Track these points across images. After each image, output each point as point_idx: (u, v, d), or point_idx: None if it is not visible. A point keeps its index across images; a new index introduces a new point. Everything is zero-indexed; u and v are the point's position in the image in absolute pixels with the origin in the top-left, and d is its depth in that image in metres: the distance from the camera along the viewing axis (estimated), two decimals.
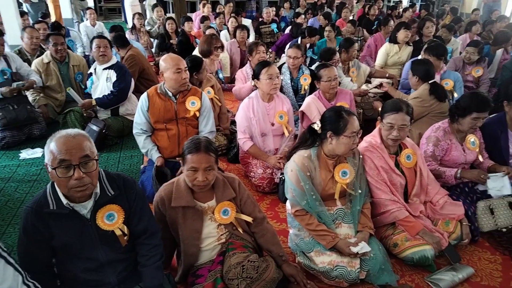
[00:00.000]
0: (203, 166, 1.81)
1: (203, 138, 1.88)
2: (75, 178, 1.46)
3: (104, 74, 3.77)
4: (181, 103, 2.81)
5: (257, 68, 3.02)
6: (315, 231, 2.11)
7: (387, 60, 5.06)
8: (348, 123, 2.02)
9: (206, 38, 4.18)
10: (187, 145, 1.86)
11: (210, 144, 1.89)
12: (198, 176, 1.82)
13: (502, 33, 5.21)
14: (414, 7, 10.12)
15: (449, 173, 2.53)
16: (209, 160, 1.84)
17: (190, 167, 1.82)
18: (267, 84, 2.97)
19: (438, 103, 3.14)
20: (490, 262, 2.32)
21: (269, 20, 7.37)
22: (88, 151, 1.50)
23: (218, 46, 4.16)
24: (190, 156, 1.81)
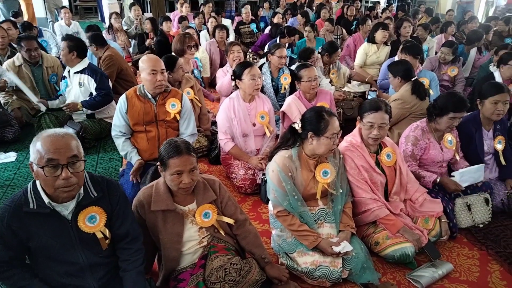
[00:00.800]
0: (188, 168, 1.79)
1: (180, 140, 1.85)
2: (62, 178, 1.44)
3: (75, 78, 3.67)
4: (161, 105, 2.75)
5: (238, 68, 3.00)
6: (297, 231, 2.11)
7: (365, 60, 5.12)
8: (329, 124, 2.03)
9: (179, 37, 4.11)
10: (166, 150, 1.81)
11: (189, 145, 1.86)
12: (184, 179, 1.79)
13: (474, 33, 5.36)
14: (390, 6, 10.31)
15: (428, 179, 2.57)
16: (193, 161, 1.82)
17: (174, 171, 1.78)
18: (250, 85, 2.95)
19: (420, 102, 3.15)
20: (468, 258, 2.37)
21: (248, 20, 7.35)
22: (76, 151, 1.49)
23: (191, 45, 4.10)
24: (172, 160, 1.77)
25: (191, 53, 4.18)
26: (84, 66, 3.66)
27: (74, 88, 3.68)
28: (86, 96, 3.70)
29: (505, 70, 3.72)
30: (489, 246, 2.46)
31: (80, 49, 3.62)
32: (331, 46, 4.40)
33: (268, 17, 8.75)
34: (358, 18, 8.48)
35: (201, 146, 3.49)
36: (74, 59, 3.60)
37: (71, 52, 3.55)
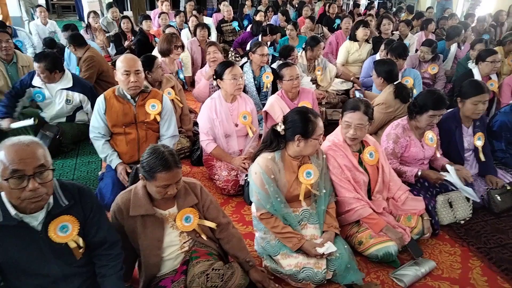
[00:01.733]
0: (175, 180, 1.75)
1: (166, 151, 1.75)
2: (29, 189, 1.36)
3: (61, 95, 3.51)
4: (140, 106, 2.68)
5: (220, 68, 2.95)
6: (281, 233, 2.09)
7: (348, 58, 5.14)
8: (316, 126, 2.02)
9: (166, 37, 4.05)
10: (153, 163, 1.71)
11: (175, 156, 1.79)
12: (170, 190, 1.75)
13: (453, 28, 5.44)
14: (372, 4, 10.39)
15: (410, 173, 2.60)
16: (180, 172, 1.78)
17: (162, 185, 1.73)
18: (231, 85, 2.91)
19: (403, 105, 3.12)
20: (450, 255, 2.39)
21: (229, 18, 7.28)
22: (43, 160, 1.41)
23: (178, 45, 4.04)
24: (160, 174, 1.70)
25: (177, 53, 4.11)
26: (70, 82, 3.50)
27: (58, 102, 3.51)
28: (71, 111, 3.59)
29: (484, 66, 3.77)
30: (470, 242, 2.49)
31: (58, 64, 3.45)
32: (313, 39, 4.39)
33: (251, 15, 8.70)
34: (340, 16, 8.52)
35: (183, 147, 3.43)
36: (57, 75, 3.44)
37: (52, 72, 3.37)
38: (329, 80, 4.52)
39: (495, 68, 3.77)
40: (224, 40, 7.19)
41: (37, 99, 3.51)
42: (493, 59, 3.71)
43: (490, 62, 3.72)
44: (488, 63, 3.73)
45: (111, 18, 6.86)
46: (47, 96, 3.50)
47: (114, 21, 6.84)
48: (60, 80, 3.47)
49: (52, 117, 3.57)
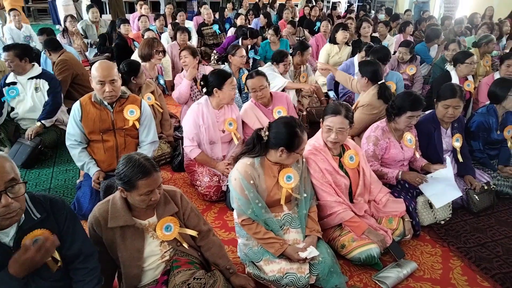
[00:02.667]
0: (157, 185, 1.72)
1: (142, 158, 1.72)
2: (2, 205, 1.31)
3: (30, 84, 3.48)
4: (118, 112, 2.63)
5: (218, 78, 2.85)
6: (263, 239, 2.07)
7: (328, 60, 5.18)
8: (302, 141, 2.01)
9: (147, 41, 3.99)
10: (131, 171, 1.67)
11: (152, 160, 1.76)
12: (154, 196, 1.72)
13: (432, 30, 5.55)
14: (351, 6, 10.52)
15: (391, 175, 2.62)
16: (160, 176, 1.75)
17: (146, 192, 1.69)
18: (229, 95, 2.89)
19: (386, 106, 3.07)
20: (431, 255, 2.42)
21: (210, 21, 7.24)
22: (13, 174, 1.35)
23: (159, 50, 3.99)
24: (141, 181, 1.67)
25: (158, 58, 4.06)
26: (39, 71, 3.49)
27: (29, 94, 3.48)
28: (43, 101, 3.52)
29: (462, 68, 3.86)
30: (451, 242, 2.52)
31: (29, 53, 3.44)
32: (302, 44, 4.37)
33: (232, 18, 8.68)
34: (321, 18, 8.60)
35: (164, 153, 3.38)
36: (27, 65, 3.42)
37: (22, 60, 3.37)
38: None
39: (473, 70, 3.85)
40: (205, 43, 7.15)
41: (11, 95, 3.47)
42: (471, 61, 3.81)
43: (469, 64, 3.80)
44: (468, 65, 3.82)
45: (90, 21, 6.73)
46: (20, 90, 3.48)
47: (94, 25, 6.71)
48: (30, 70, 3.47)
49: (25, 113, 3.51)
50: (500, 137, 3.08)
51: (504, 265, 2.34)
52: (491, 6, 8.46)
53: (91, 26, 6.70)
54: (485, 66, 4.92)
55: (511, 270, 2.30)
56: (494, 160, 3.14)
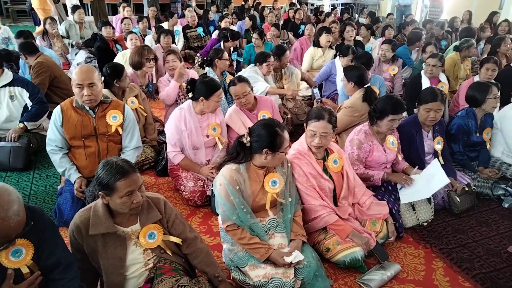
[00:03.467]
0: (137, 186, 1.71)
1: (118, 160, 1.72)
2: None
3: (4, 92, 3.38)
4: (100, 118, 2.58)
5: (206, 88, 2.83)
6: (248, 244, 2.06)
7: (312, 64, 5.22)
8: (283, 140, 2.02)
9: (137, 49, 3.93)
10: (109, 173, 1.67)
11: (129, 162, 1.76)
12: (135, 198, 1.70)
13: (414, 33, 5.66)
14: (335, 10, 10.63)
15: (377, 177, 2.65)
16: (139, 177, 1.74)
17: (126, 193, 1.67)
18: (215, 106, 2.89)
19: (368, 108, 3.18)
20: (414, 257, 2.45)
21: (194, 24, 7.21)
22: None
23: (150, 58, 3.95)
24: (120, 182, 1.66)
25: (149, 66, 4.02)
26: (10, 78, 3.39)
27: (4, 104, 3.38)
28: (20, 109, 3.44)
29: (425, 68, 4.05)
30: (433, 243, 2.56)
31: None
32: (279, 48, 4.40)
33: (216, 21, 8.66)
34: (305, 21, 8.65)
35: (148, 158, 3.34)
36: None
37: None
38: (295, 87, 4.55)
39: (431, 71, 3.98)
40: (189, 46, 7.11)
41: None
42: (431, 63, 3.98)
43: (430, 66, 3.98)
44: (428, 66, 4.00)
45: (75, 21, 6.60)
46: None
47: (78, 25, 6.59)
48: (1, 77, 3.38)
49: (1, 123, 3.42)
50: (479, 139, 3.15)
51: (485, 265, 2.39)
52: (468, 10, 8.67)
53: (75, 26, 6.58)
54: (466, 70, 5.03)
55: (491, 270, 2.35)
56: (474, 162, 3.21)
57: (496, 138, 3.26)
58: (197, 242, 1.96)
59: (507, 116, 3.17)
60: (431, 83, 4.01)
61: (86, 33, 6.70)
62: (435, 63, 4.00)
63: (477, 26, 7.22)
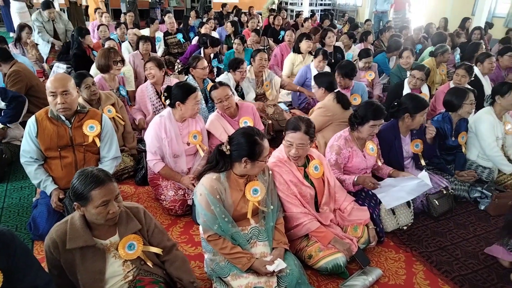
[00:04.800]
0: (113, 195, 1.67)
1: (94, 170, 1.69)
2: None
3: None
4: (77, 128, 2.51)
5: (181, 91, 2.80)
6: (229, 254, 2.04)
7: (293, 70, 5.25)
8: (263, 149, 2.02)
9: (103, 52, 3.85)
10: (84, 183, 1.63)
11: (104, 171, 1.73)
12: (112, 208, 1.66)
13: (394, 42, 5.78)
14: (314, 16, 10.75)
15: (348, 181, 2.67)
16: (115, 187, 1.70)
17: (101, 203, 1.64)
18: (192, 110, 2.84)
19: (342, 111, 3.33)
20: (395, 261, 2.48)
21: (173, 30, 7.16)
22: None
23: (117, 60, 3.88)
24: (95, 192, 1.62)
25: (117, 69, 3.93)
26: None
27: None
28: None
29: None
30: (413, 247, 2.60)
31: None
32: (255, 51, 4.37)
33: (196, 27, 8.63)
34: (285, 27, 8.72)
35: (127, 167, 3.28)
36: None
37: None
38: (275, 93, 4.56)
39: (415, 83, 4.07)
40: (169, 52, 7.06)
41: None
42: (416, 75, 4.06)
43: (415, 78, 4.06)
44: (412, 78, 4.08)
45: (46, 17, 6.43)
46: None
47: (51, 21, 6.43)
48: None
49: None
50: (455, 143, 3.23)
51: (463, 267, 2.43)
52: (444, 17, 8.92)
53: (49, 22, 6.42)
54: (441, 75, 5.16)
55: (469, 272, 2.40)
56: (451, 165, 3.29)
57: (471, 141, 3.35)
58: (174, 249, 1.95)
59: (481, 120, 3.26)
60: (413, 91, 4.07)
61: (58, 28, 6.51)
62: (421, 76, 4.04)
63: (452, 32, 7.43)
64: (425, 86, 4.26)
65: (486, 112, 3.30)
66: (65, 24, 6.88)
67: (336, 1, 14.92)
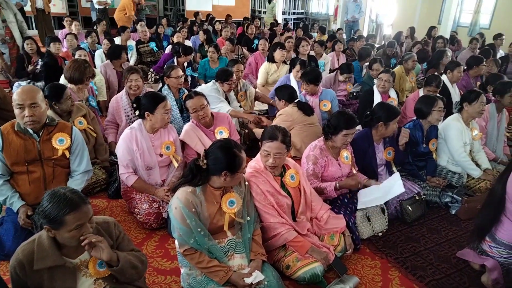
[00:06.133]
0: (88, 218, 1.62)
1: (67, 192, 1.61)
2: None
3: None
4: (45, 141, 2.42)
5: (149, 100, 2.75)
6: (206, 268, 2.01)
7: (267, 79, 5.28)
8: (242, 160, 2.01)
9: (77, 66, 3.69)
10: (57, 206, 1.56)
11: (78, 192, 1.65)
12: (85, 230, 1.61)
13: (364, 49, 5.93)
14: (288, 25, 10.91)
15: (329, 188, 2.69)
16: (90, 209, 1.64)
17: (74, 227, 1.58)
18: (162, 119, 2.77)
19: (304, 117, 3.62)
20: (372, 268, 2.51)
21: (146, 39, 7.08)
22: None
23: (90, 76, 3.79)
24: (69, 216, 1.56)
25: (87, 83, 3.85)
26: None
27: None
28: None
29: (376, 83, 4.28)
30: (388, 253, 2.64)
31: None
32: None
33: (168, 35, 8.55)
34: (259, 36, 8.78)
35: (99, 180, 3.18)
36: None
37: None
38: (250, 104, 4.59)
39: (384, 86, 4.19)
40: (142, 61, 6.96)
41: None
42: (383, 78, 4.20)
43: (383, 81, 4.18)
44: (380, 81, 4.20)
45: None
46: None
47: None
48: None
49: None
50: (426, 149, 3.32)
51: (437, 272, 2.49)
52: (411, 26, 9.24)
53: None
54: (411, 82, 5.32)
55: (442, 276, 2.45)
56: (423, 171, 3.37)
57: (441, 148, 3.45)
58: (139, 253, 1.87)
59: (450, 127, 3.37)
60: (383, 98, 4.19)
61: (6, 15, 6.10)
62: (387, 78, 4.18)
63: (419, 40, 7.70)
64: (392, 90, 4.39)
65: (454, 119, 3.42)
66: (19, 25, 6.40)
67: (309, 10, 15.19)
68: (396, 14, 12.24)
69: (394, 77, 4.38)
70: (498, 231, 2.31)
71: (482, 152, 3.51)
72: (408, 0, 11.92)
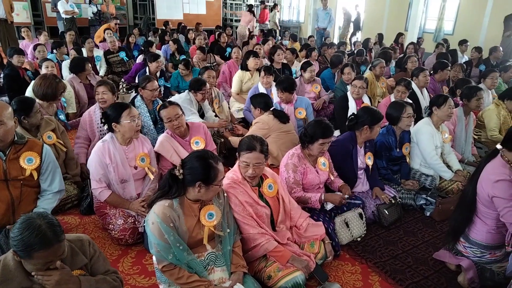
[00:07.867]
0: (59, 255, 1.55)
1: (43, 224, 1.51)
2: None
3: None
4: (12, 161, 2.28)
5: (113, 111, 2.68)
6: (186, 284, 1.95)
7: (241, 87, 5.28)
8: (218, 172, 1.97)
9: (50, 83, 3.55)
10: (28, 240, 1.47)
11: (56, 226, 1.54)
12: (53, 265, 1.54)
13: (336, 57, 6.03)
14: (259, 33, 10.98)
15: (314, 199, 2.69)
16: (64, 246, 1.56)
17: (42, 263, 1.52)
18: (130, 128, 2.68)
19: (280, 124, 3.70)
20: (352, 274, 2.52)
21: (115, 49, 6.94)
22: None
23: (63, 91, 3.67)
24: (38, 254, 1.49)
25: (59, 98, 3.72)
26: None
27: None
28: None
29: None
30: (368, 258, 2.66)
31: None
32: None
33: (140, 44, 8.42)
34: (231, 44, 8.78)
35: (70, 196, 3.05)
36: None
37: None
38: (226, 113, 4.57)
39: (358, 92, 4.29)
40: (112, 71, 6.81)
41: None
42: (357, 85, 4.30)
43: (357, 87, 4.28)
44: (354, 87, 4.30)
45: None
46: None
47: None
48: None
49: None
50: (399, 154, 3.39)
51: (415, 274, 2.53)
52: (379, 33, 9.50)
53: None
54: (382, 88, 5.44)
55: (421, 278, 2.49)
56: (397, 175, 3.44)
57: (413, 151, 3.54)
58: (114, 274, 1.83)
59: (421, 131, 3.46)
60: (357, 104, 4.27)
61: None
62: (361, 85, 4.27)
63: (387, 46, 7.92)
64: (365, 96, 4.48)
65: (424, 123, 3.51)
66: None
67: (280, 18, 15.36)
68: (364, 21, 12.57)
69: (367, 84, 4.47)
70: (471, 232, 2.37)
71: (453, 154, 3.62)
72: (375, 7, 12.28)
